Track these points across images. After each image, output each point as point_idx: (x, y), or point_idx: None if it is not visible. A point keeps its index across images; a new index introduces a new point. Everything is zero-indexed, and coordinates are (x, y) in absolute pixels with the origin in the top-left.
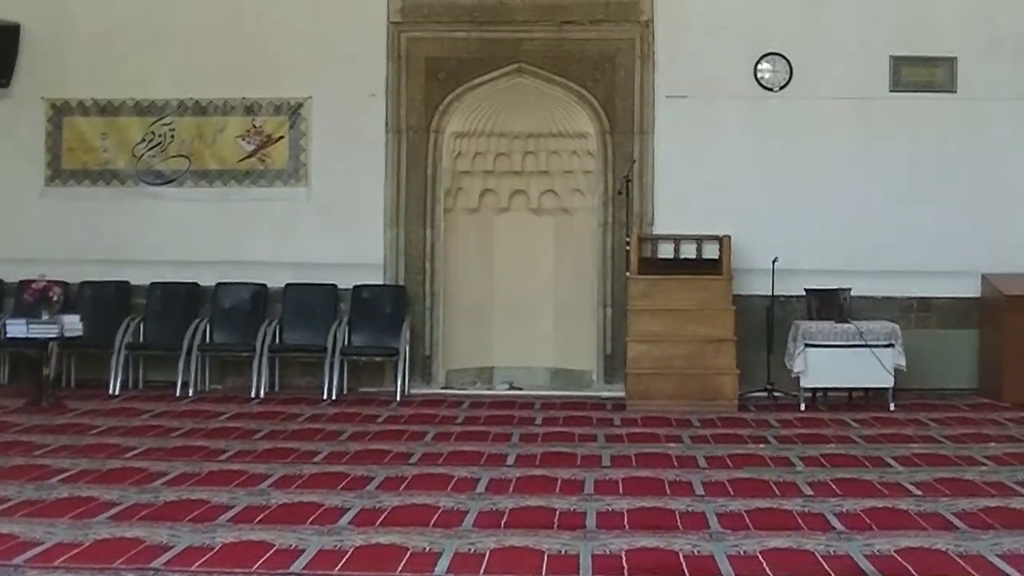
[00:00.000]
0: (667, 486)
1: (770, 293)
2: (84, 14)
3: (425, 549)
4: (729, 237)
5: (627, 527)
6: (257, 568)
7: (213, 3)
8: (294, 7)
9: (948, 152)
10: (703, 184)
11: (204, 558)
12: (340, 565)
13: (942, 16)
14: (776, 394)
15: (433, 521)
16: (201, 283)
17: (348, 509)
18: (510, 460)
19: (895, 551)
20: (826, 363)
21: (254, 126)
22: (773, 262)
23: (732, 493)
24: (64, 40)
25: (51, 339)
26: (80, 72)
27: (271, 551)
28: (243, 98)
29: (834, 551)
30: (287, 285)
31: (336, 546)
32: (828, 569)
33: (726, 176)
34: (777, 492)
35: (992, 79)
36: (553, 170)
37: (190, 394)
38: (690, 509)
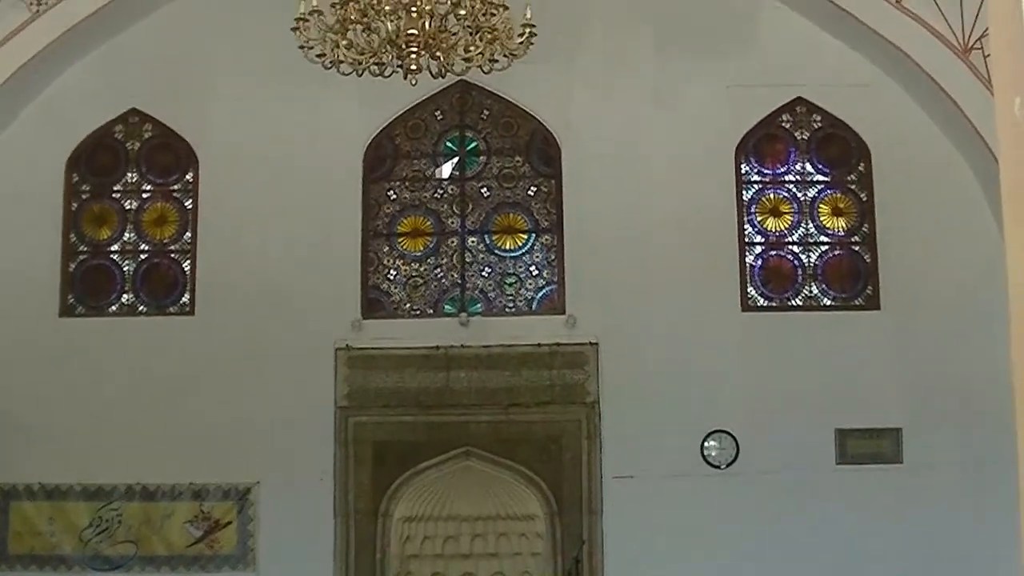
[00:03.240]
0: None
1: None
2: (37, 395)
3: None
4: None
5: None
6: None
7: (162, 388)
8: (242, 392)
9: (896, 523)
10: (653, 563)
11: None
12: None
13: (886, 388)
14: None
15: None
16: None
17: None
18: None
19: None
20: None
21: (202, 511)
22: None
23: None
24: (12, 424)
25: None
26: (27, 456)
27: None
28: (191, 483)
29: None
30: None
31: None
32: None
33: (676, 553)
34: None
35: (938, 448)
36: (502, 552)
37: None
38: None
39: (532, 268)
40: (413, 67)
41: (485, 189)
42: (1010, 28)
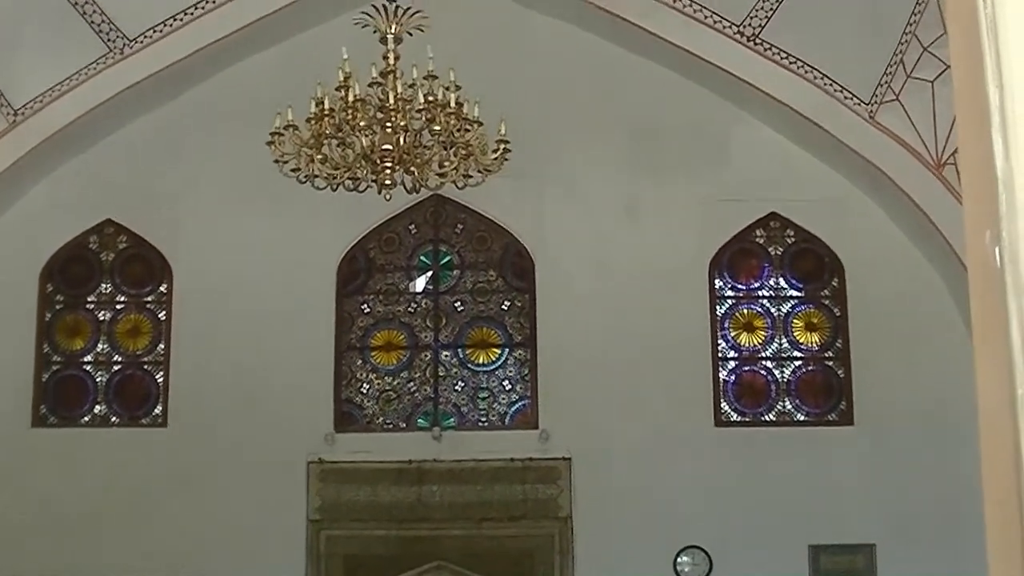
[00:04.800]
0: None
1: None
2: (8, 505)
3: None
4: None
5: None
6: None
7: (133, 499)
8: (214, 504)
9: None
10: None
11: None
12: None
13: (860, 503)
14: None
15: None
16: None
17: None
18: None
19: None
20: None
21: None
22: None
23: None
24: None
25: None
26: None
27: None
28: None
29: None
30: None
31: None
32: None
33: None
34: None
35: (912, 565)
36: None
37: None
38: None
39: (505, 382)
40: (387, 182)
41: (459, 303)
42: (980, 164)
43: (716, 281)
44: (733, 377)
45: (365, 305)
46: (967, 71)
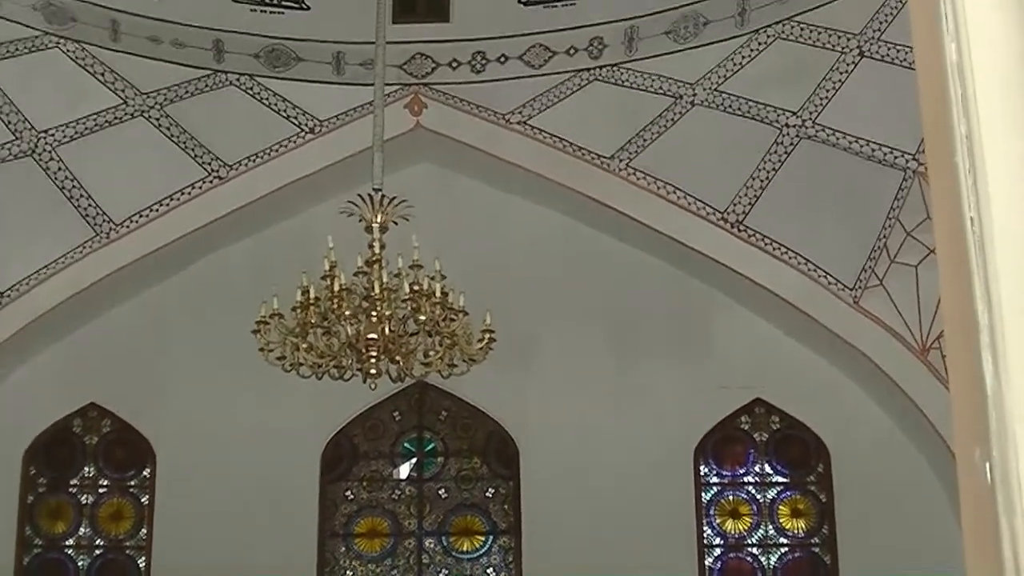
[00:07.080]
0: None
1: None
2: None
3: None
4: None
5: None
6: None
7: None
8: None
9: None
10: None
11: None
12: None
13: None
14: None
15: None
16: None
17: None
18: None
19: None
20: None
21: None
22: None
23: None
24: None
25: None
26: None
27: None
28: None
29: None
30: None
31: None
32: None
33: None
34: None
35: None
36: None
37: None
38: None
39: (490, 570)
40: (373, 371)
41: (443, 490)
42: (970, 382)
43: (701, 468)
44: (719, 564)
45: (349, 491)
46: (956, 291)
